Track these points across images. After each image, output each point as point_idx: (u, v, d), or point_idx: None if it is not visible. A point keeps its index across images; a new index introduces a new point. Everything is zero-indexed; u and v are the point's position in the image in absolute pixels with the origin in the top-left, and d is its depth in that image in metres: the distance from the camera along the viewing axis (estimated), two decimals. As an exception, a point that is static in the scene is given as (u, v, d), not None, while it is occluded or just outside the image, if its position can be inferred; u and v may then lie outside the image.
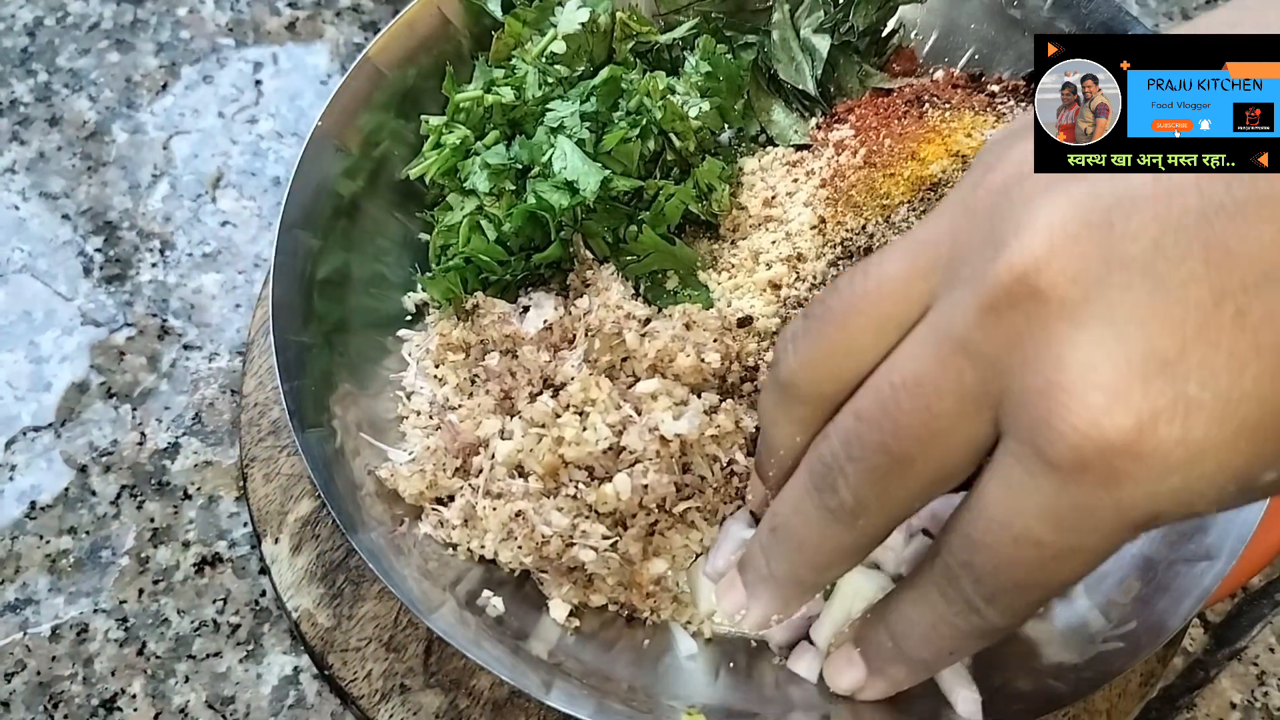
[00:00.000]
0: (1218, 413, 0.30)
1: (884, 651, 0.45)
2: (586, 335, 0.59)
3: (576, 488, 0.55)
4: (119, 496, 0.67)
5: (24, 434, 0.69)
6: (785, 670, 0.54)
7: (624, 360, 0.59)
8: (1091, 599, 0.55)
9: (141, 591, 0.64)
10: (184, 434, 0.69)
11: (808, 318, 0.40)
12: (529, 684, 0.49)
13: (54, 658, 0.62)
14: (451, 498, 0.58)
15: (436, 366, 0.62)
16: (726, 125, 0.69)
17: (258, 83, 0.82)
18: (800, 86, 0.70)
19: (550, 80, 0.65)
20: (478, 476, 0.57)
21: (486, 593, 0.55)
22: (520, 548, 0.54)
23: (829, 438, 0.39)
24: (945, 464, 0.36)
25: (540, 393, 0.59)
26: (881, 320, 0.36)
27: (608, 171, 0.61)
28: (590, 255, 0.63)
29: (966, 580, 0.37)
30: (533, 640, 0.54)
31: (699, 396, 0.58)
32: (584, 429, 0.55)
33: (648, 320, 0.61)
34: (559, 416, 0.57)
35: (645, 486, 0.54)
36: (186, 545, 0.66)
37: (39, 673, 0.62)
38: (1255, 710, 0.63)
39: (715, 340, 0.59)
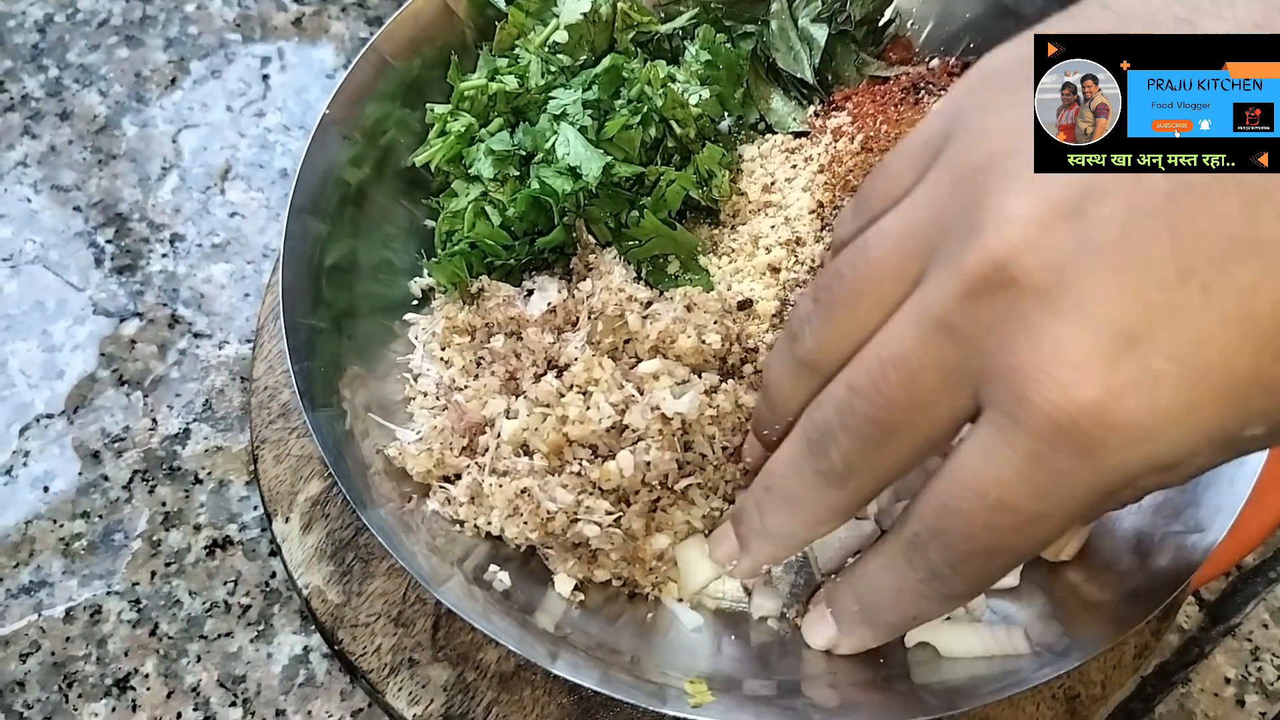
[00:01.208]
0: (1185, 382, 0.31)
1: (851, 614, 0.48)
2: (589, 317, 0.60)
3: (580, 465, 0.56)
4: (131, 481, 0.68)
5: (37, 421, 0.70)
6: (786, 639, 0.55)
7: (626, 342, 0.60)
8: (1084, 569, 0.56)
9: (154, 574, 0.65)
10: (194, 420, 0.70)
11: (817, 301, 0.42)
12: (536, 654, 0.50)
13: (68, 639, 0.63)
14: (458, 476, 0.59)
15: (443, 349, 0.63)
16: (726, 113, 0.70)
17: (265, 77, 0.84)
18: (798, 75, 0.71)
19: (553, 69, 0.66)
20: (484, 455, 0.58)
21: (493, 568, 0.56)
22: (526, 524, 0.55)
23: (823, 406, 0.42)
24: (930, 433, 0.38)
25: (544, 373, 0.60)
26: (883, 300, 0.39)
27: (610, 158, 0.62)
28: (593, 240, 0.64)
29: (935, 548, 0.39)
30: (539, 614, 0.55)
31: (700, 377, 0.59)
32: (587, 408, 0.56)
33: (649, 303, 0.62)
34: (563, 396, 0.58)
35: (647, 463, 0.55)
36: (198, 528, 0.67)
37: (53, 653, 0.63)
38: (1249, 685, 0.64)
39: (716, 322, 0.60)
